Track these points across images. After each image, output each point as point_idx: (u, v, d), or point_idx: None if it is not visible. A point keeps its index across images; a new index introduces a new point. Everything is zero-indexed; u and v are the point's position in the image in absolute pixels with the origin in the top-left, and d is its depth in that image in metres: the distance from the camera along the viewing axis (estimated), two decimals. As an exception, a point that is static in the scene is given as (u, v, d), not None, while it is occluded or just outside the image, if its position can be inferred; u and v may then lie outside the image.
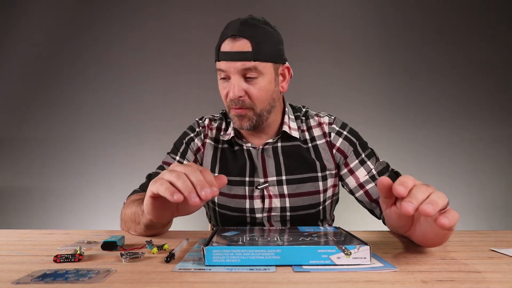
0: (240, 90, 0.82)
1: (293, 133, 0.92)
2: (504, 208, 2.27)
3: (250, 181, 0.91)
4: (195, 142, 0.97)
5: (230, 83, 0.83)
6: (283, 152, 0.92)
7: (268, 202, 0.90)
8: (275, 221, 0.92)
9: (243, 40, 0.80)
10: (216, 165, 0.94)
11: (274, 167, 0.91)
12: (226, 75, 0.83)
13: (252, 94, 0.83)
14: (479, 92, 2.34)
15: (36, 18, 2.44)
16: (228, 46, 0.81)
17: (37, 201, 2.36)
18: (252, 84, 0.83)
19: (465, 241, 0.67)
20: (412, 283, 0.42)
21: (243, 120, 0.85)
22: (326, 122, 0.95)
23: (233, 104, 0.84)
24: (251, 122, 0.86)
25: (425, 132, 2.33)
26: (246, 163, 0.92)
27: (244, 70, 0.81)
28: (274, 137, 0.93)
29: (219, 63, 0.83)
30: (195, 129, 0.99)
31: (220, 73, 0.84)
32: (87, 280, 0.44)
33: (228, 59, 0.81)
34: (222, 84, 0.86)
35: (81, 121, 2.40)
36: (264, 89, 0.84)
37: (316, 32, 2.39)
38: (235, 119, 0.86)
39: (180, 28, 2.42)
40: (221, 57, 0.82)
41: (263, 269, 0.48)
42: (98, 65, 2.43)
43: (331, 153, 0.92)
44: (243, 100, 0.83)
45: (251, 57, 0.80)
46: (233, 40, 0.81)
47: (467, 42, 2.36)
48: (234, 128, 0.94)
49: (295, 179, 0.90)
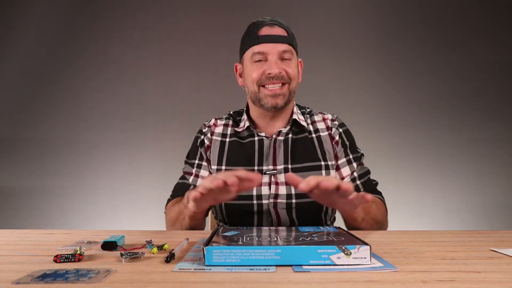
0: (280, 67, 0.93)
1: (302, 123, 1.01)
2: (504, 208, 2.26)
3: (258, 170, 0.97)
4: (205, 142, 1.04)
5: (269, 63, 0.93)
6: (293, 143, 0.99)
7: (274, 189, 0.95)
8: (281, 208, 0.94)
9: (279, 28, 0.95)
10: (223, 157, 1.00)
11: (283, 157, 0.97)
12: (264, 57, 0.94)
13: (289, 71, 0.95)
14: (479, 91, 2.34)
15: (36, 18, 2.44)
16: (268, 31, 0.94)
17: (37, 201, 2.35)
18: (287, 64, 0.95)
19: (465, 241, 0.67)
20: (412, 283, 0.42)
21: (278, 98, 0.94)
22: (330, 118, 1.05)
23: (271, 80, 0.93)
24: (285, 98, 0.96)
25: (425, 131, 2.33)
26: (255, 153, 0.98)
27: (282, 52, 0.94)
28: (286, 125, 1.01)
29: (259, 46, 0.94)
30: (203, 131, 1.06)
31: (257, 56, 0.94)
32: (87, 280, 0.44)
33: (270, 41, 0.93)
34: (257, 65, 0.95)
35: (81, 121, 2.40)
36: (296, 69, 0.97)
37: (316, 31, 2.38)
38: (267, 99, 0.95)
39: (180, 28, 2.42)
40: (261, 40, 0.94)
41: (263, 269, 0.48)
42: (98, 65, 2.42)
43: (331, 144, 1.01)
44: (282, 75, 0.94)
45: (288, 41, 0.95)
46: (271, 27, 0.94)
47: (467, 42, 2.36)
48: (248, 119, 1.02)
49: (301, 167, 0.96)
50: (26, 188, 2.37)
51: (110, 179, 2.35)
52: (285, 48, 0.94)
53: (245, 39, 0.98)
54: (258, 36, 0.94)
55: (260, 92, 0.95)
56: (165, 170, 2.23)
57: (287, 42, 0.94)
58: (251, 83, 0.96)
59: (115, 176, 2.35)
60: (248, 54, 0.96)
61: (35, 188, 2.37)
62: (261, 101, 0.96)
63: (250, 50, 0.95)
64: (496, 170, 2.29)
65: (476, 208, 2.27)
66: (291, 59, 0.96)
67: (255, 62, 0.95)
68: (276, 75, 0.93)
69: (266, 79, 0.93)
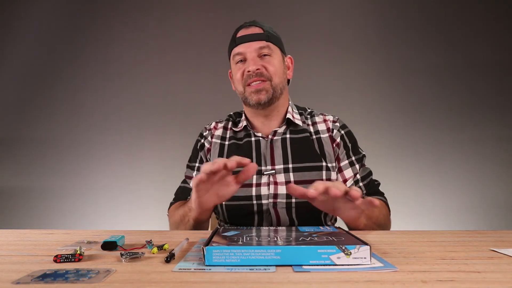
0: (257, 63, 0.95)
1: (296, 121, 1.02)
2: (504, 208, 2.26)
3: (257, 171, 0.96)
4: (205, 145, 1.06)
5: (247, 62, 0.96)
6: (291, 143, 1.00)
7: (274, 189, 0.95)
8: (281, 207, 0.94)
9: (255, 27, 0.98)
10: None
11: (282, 157, 0.98)
12: (243, 57, 0.97)
13: (268, 68, 0.96)
14: (479, 91, 2.34)
15: (36, 18, 2.44)
16: (243, 32, 0.98)
17: (37, 201, 2.36)
18: (266, 61, 0.96)
19: (465, 241, 0.67)
20: (412, 283, 0.42)
21: (260, 93, 0.95)
22: (331, 120, 1.05)
23: (251, 78, 0.95)
24: (268, 94, 0.96)
25: (425, 131, 2.33)
26: (253, 154, 0.99)
27: (259, 49, 0.95)
28: (280, 124, 1.02)
29: (237, 48, 0.97)
30: (203, 134, 1.08)
31: (237, 57, 0.98)
32: (87, 280, 0.44)
33: (245, 41, 0.96)
34: (238, 66, 0.98)
35: (81, 121, 2.40)
36: (277, 65, 0.98)
37: (316, 31, 2.38)
38: (252, 96, 0.96)
39: (181, 28, 2.42)
40: (238, 41, 0.97)
41: (263, 269, 0.48)
42: (98, 65, 2.42)
43: (332, 146, 1.01)
44: (261, 72, 0.95)
45: (264, 37, 0.97)
46: (246, 28, 0.98)
47: (467, 42, 2.36)
48: (245, 120, 1.04)
49: (302, 167, 0.96)
50: (26, 188, 2.37)
51: (110, 179, 2.35)
52: (262, 45, 0.96)
53: (229, 44, 1.03)
54: (235, 38, 0.99)
55: (245, 92, 0.98)
56: (165, 170, 2.23)
57: (263, 38, 0.96)
58: (238, 84, 1.00)
59: (115, 176, 2.35)
60: (231, 58, 1.01)
61: (35, 188, 2.37)
62: (247, 100, 0.98)
63: (232, 54, 1.00)
64: (496, 170, 2.29)
65: (476, 208, 2.27)
66: (271, 55, 0.97)
67: (236, 63, 0.99)
68: (254, 72, 0.94)
69: (248, 78, 0.96)
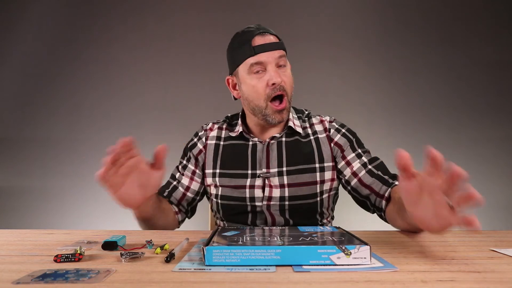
0: (281, 76, 0.91)
1: (297, 129, 1.00)
2: (505, 208, 2.26)
3: (252, 174, 0.97)
4: (197, 146, 1.05)
5: (269, 72, 0.91)
6: (286, 146, 0.99)
7: (268, 191, 0.95)
8: (275, 210, 0.95)
9: (270, 35, 0.93)
10: (217, 161, 1.01)
11: (277, 160, 0.97)
12: (262, 67, 0.91)
13: (286, 80, 0.92)
14: (479, 91, 2.34)
15: (36, 18, 2.44)
16: (261, 40, 0.91)
17: (37, 201, 2.35)
18: (284, 72, 0.93)
19: (465, 241, 0.67)
20: (412, 283, 0.42)
21: (283, 113, 0.94)
22: (328, 120, 1.04)
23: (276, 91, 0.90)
24: (288, 112, 0.95)
25: (425, 131, 2.33)
26: (248, 157, 0.99)
27: (279, 58, 0.92)
28: (281, 132, 1.00)
29: (258, 56, 0.90)
30: (198, 134, 1.07)
31: (256, 67, 0.91)
32: (87, 280, 0.44)
33: (266, 50, 0.90)
34: (257, 77, 0.92)
35: (81, 121, 2.40)
36: (290, 76, 0.95)
37: (316, 31, 2.38)
38: (275, 115, 0.93)
39: (181, 28, 2.42)
40: (257, 50, 0.90)
41: (263, 269, 0.48)
42: (98, 65, 2.42)
43: (329, 146, 1.00)
44: (282, 86, 0.91)
45: (282, 46, 0.94)
46: (262, 35, 0.92)
47: (467, 42, 2.35)
48: (242, 125, 1.02)
49: (295, 170, 0.96)
50: (26, 188, 2.37)
51: (110, 179, 2.35)
52: (281, 54, 0.92)
53: (236, 51, 0.94)
54: (253, 47, 0.91)
55: (267, 108, 0.93)
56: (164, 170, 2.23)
57: (281, 48, 0.93)
58: (257, 97, 0.93)
59: (115, 176, 2.34)
60: (243, 67, 0.93)
61: (35, 188, 2.37)
62: (267, 117, 0.94)
63: (246, 62, 0.92)
64: (496, 170, 2.29)
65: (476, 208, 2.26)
66: (286, 65, 0.95)
67: (254, 73, 0.92)
68: (279, 85, 0.90)
69: (272, 92, 0.91)
